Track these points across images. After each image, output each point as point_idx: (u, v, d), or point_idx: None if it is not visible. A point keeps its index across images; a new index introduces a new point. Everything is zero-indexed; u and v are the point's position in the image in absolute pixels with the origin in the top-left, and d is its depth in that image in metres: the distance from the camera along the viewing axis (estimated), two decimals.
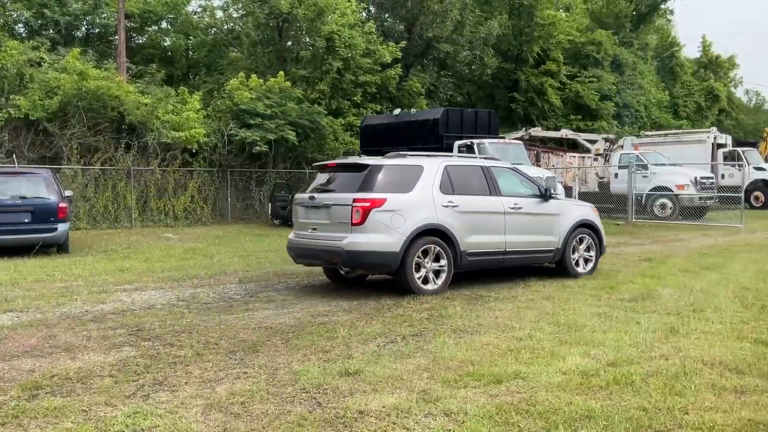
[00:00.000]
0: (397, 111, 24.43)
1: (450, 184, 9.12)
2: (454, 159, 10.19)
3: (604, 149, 27.44)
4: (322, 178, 9.61)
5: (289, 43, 31.60)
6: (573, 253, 10.32)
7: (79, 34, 31.17)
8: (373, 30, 29.96)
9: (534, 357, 5.74)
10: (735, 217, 20.09)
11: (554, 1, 41.31)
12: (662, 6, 49.37)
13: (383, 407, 4.57)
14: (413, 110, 25.07)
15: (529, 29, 37.02)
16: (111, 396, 4.85)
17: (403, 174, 8.94)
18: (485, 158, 10.73)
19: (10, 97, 20.70)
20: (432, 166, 9.15)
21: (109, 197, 20.84)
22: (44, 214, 13.22)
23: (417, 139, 21.51)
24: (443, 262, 8.87)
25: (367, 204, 8.42)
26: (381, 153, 22.24)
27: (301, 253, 9.32)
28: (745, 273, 10.40)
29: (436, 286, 8.83)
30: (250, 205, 24.70)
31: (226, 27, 34.43)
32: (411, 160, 9.29)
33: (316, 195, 9.16)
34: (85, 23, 31.22)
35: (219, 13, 34.52)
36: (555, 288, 9.34)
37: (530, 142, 28.70)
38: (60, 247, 13.82)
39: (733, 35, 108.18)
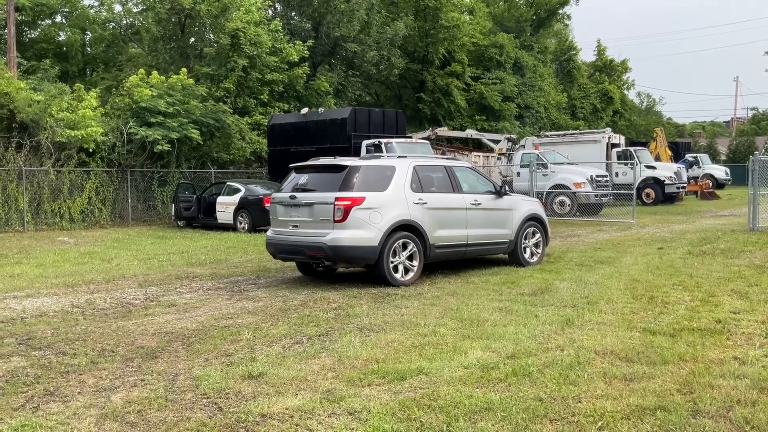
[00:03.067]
0: (304, 110, 24.26)
1: (419, 183, 9.95)
2: (422, 159, 11.10)
3: (507, 149, 28.31)
4: (299, 178, 10.06)
5: (192, 39, 30.81)
6: (524, 244, 11.34)
7: None
8: (280, 28, 29.63)
9: (437, 352, 5.84)
10: (628, 213, 21.18)
11: (458, 4, 42.22)
12: (560, 11, 51.45)
13: (286, 409, 4.52)
14: (321, 109, 24.94)
15: (435, 31, 37.67)
16: None
17: (378, 174, 9.68)
18: (447, 158, 11.66)
19: None
20: (403, 166, 9.96)
21: (1, 201, 19.63)
22: None
23: (325, 138, 21.47)
24: (415, 254, 9.67)
25: (348, 202, 9.14)
26: (289, 152, 22.33)
27: (282, 249, 9.91)
28: (636, 266, 10.98)
29: (409, 277, 9.59)
30: (153, 206, 23.88)
31: (125, 22, 33.19)
32: (384, 160, 10.28)
33: (297, 194, 9.71)
34: None
35: (117, 8, 33.20)
36: (459, 284, 9.55)
37: (437, 142, 29.21)
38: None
39: (626, 40, 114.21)
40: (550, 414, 4.38)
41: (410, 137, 24.03)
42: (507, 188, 11.50)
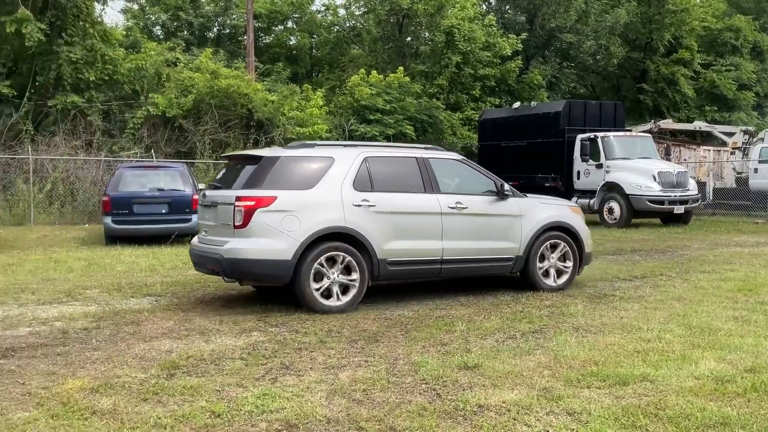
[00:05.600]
0: (516, 104, 24.02)
1: (369, 180, 7.78)
2: (380, 149, 8.53)
3: (743, 143, 25.61)
4: (222, 171, 8.69)
5: (409, 38, 31.87)
6: (541, 262, 8.70)
7: (211, 34, 32.94)
8: (493, 23, 29.59)
9: (663, 360, 5.48)
10: None
11: None
12: None
13: (503, 402, 4.53)
14: (533, 103, 24.54)
15: (660, 16, 35.19)
16: (242, 378, 5.12)
17: (306, 168, 7.66)
18: (427, 148, 8.85)
19: (149, 95, 22.20)
20: (346, 158, 7.83)
21: None
22: (180, 206, 14.10)
23: (537, 133, 21.07)
24: (354, 273, 7.51)
25: (250, 203, 7.18)
26: (500, 147, 22.25)
27: (194, 260, 8.21)
28: None
29: (341, 302, 7.45)
30: None
31: (348, 24, 35.23)
32: (320, 150, 8.00)
33: (208, 192, 8.17)
34: (216, 24, 32.95)
35: (342, 11, 35.37)
36: (686, 288, 8.86)
37: (659, 135, 27.30)
38: (193, 236, 14.67)
39: None
40: None
41: (629, 131, 22.73)
42: (510, 188, 8.74)
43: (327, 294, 7.44)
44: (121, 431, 4.05)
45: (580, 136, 19.61)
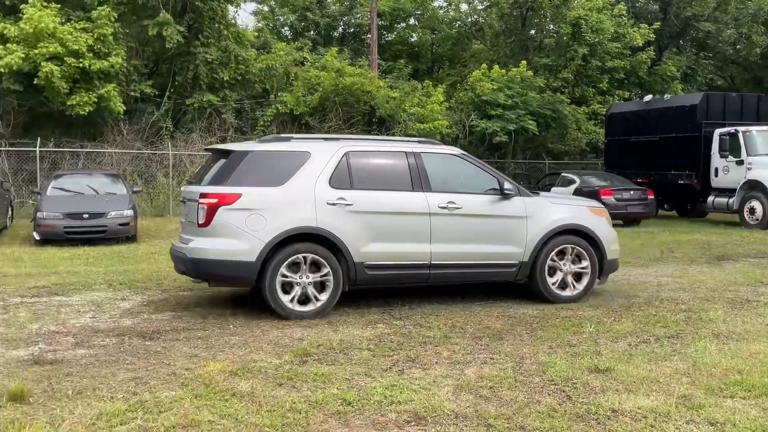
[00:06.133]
0: (647, 97, 22.89)
1: (348, 177, 7.22)
2: (366, 143, 7.84)
3: None
4: (203, 166, 8.30)
5: (532, 31, 31.22)
6: (551, 270, 7.83)
7: (336, 34, 33.76)
8: (624, 12, 28.37)
9: None
10: None
11: None
12: None
13: (638, 408, 4.36)
14: (666, 96, 23.30)
15: None
16: (369, 368, 5.24)
17: (278, 163, 7.16)
18: (421, 141, 8.09)
19: (278, 94, 23.09)
20: (324, 152, 7.26)
21: None
22: None
23: (670, 127, 19.99)
24: (326, 276, 7.00)
25: (213, 201, 6.84)
26: (628, 142, 21.34)
27: (172, 259, 7.79)
28: None
29: (312, 308, 6.97)
30: None
31: (469, 20, 34.99)
32: (295, 144, 7.42)
33: (183, 188, 7.91)
34: (341, 24, 33.74)
35: (464, 6, 35.19)
36: None
37: None
38: None
39: None
40: None
41: None
42: (516, 186, 7.87)
43: (297, 298, 6.95)
44: (258, 413, 4.26)
45: (718, 131, 18.42)
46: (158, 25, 20.30)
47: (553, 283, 7.84)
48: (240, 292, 8.17)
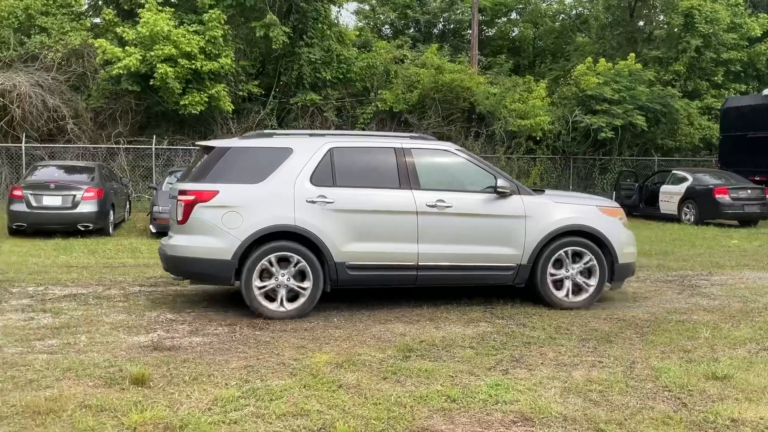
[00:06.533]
0: (766, 91, 21.50)
1: (331, 173, 6.98)
2: (352, 139, 7.66)
3: None
4: (191, 162, 8.10)
5: (641, 22, 30.00)
6: (553, 273, 7.31)
7: (436, 31, 33.71)
8: (740, 1, 26.75)
9: None
10: None
11: None
12: None
13: (761, 419, 4.12)
14: None
15: None
16: (473, 366, 5.21)
17: (258, 159, 7.00)
18: (413, 137, 7.74)
19: (378, 92, 23.32)
20: (307, 149, 7.05)
21: None
22: None
23: None
24: (306, 276, 6.79)
25: (190, 198, 6.74)
26: (746, 139, 20.12)
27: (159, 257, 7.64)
28: None
29: (290, 308, 6.76)
30: (593, 193, 24.17)
31: (573, 12, 34.04)
32: (279, 140, 7.32)
33: (173, 185, 7.86)
34: (441, 20, 33.64)
35: None
36: None
37: None
38: None
39: None
40: None
41: None
42: (515, 184, 7.40)
43: (275, 298, 6.79)
44: (365, 406, 4.33)
45: None
46: (265, 27, 20.95)
47: (556, 288, 7.35)
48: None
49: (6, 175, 19.32)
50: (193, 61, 19.24)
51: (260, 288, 6.73)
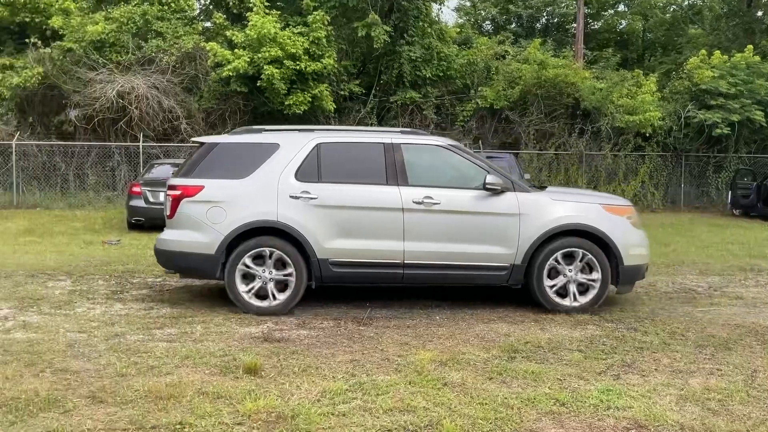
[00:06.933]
0: None
1: (317, 169, 6.90)
2: (341, 134, 7.43)
3: None
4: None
5: (760, 12, 28.18)
6: (550, 275, 6.92)
7: (538, 25, 33.04)
8: None
9: None
10: None
11: None
12: None
13: None
14: None
15: None
16: (582, 370, 5.07)
17: (244, 155, 7.01)
18: (404, 132, 7.54)
19: (479, 89, 23.09)
20: (293, 144, 7.00)
21: (562, 181, 21.69)
22: None
23: None
24: (288, 272, 6.76)
25: (177, 192, 6.88)
26: None
27: None
28: None
29: (274, 303, 6.78)
30: (706, 192, 22.97)
31: (686, 2, 32.44)
32: (266, 136, 7.22)
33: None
34: (544, 14, 32.92)
35: None
36: None
37: None
38: None
39: None
40: None
41: None
42: (508, 180, 7.00)
43: (256, 292, 6.82)
44: (471, 405, 4.30)
45: None
46: (367, 26, 21.20)
47: (553, 290, 6.95)
48: (447, 287, 8.30)
49: (125, 172, 20.51)
50: (297, 62, 19.74)
51: (243, 284, 6.79)
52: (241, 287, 6.78)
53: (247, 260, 6.74)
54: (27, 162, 19.87)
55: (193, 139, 8.91)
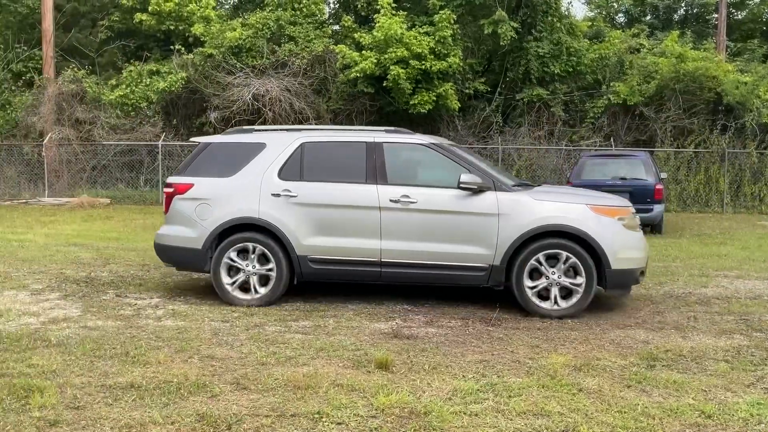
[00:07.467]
0: None
1: (300, 168, 7.13)
2: (324, 134, 7.49)
3: None
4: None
5: None
6: (530, 278, 6.69)
7: (676, 17, 31.30)
8: None
9: None
10: None
11: None
12: None
13: None
14: None
15: None
16: (728, 381, 4.77)
17: (233, 154, 7.34)
18: (388, 131, 7.36)
19: (611, 84, 22.20)
20: (279, 143, 7.25)
21: (701, 180, 20.47)
22: (642, 195, 13.76)
23: None
24: (270, 267, 7.01)
25: (170, 190, 7.38)
26: None
27: None
28: None
29: (255, 296, 7.04)
30: None
31: None
32: (255, 136, 7.49)
33: None
34: (683, 5, 31.14)
35: None
36: None
37: None
38: (654, 227, 14.23)
39: None
40: None
41: None
42: (490, 178, 6.85)
43: (240, 285, 7.11)
44: (608, 413, 4.16)
45: None
46: (493, 24, 20.98)
47: (533, 291, 6.71)
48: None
49: None
50: (423, 62, 19.86)
51: (228, 278, 7.11)
52: (225, 279, 7.11)
53: (232, 254, 7.09)
54: (172, 161, 21.29)
55: (191, 138, 9.42)
